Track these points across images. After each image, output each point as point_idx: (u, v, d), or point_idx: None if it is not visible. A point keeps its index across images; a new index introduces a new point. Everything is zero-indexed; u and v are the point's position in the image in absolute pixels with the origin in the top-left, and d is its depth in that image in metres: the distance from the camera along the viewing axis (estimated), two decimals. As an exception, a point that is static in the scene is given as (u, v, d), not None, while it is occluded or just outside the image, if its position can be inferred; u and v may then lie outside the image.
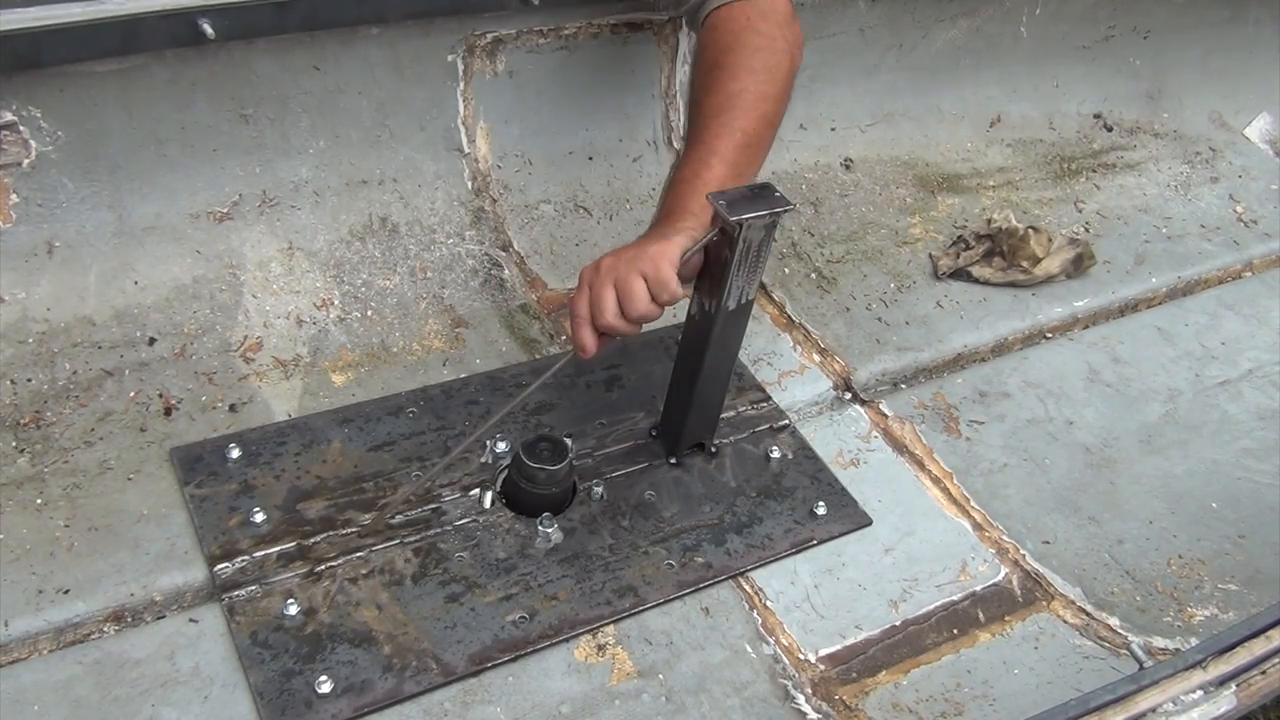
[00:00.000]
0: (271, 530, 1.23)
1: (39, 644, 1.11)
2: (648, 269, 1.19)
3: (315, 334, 1.47)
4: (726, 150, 1.29)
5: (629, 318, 1.20)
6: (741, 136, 1.30)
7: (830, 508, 1.39)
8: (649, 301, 1.19)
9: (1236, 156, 2.27)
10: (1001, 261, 1.80)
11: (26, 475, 1.24)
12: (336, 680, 1.11)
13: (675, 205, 1.28)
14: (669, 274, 1.19)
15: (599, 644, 1.21)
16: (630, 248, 1.24)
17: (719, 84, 1.32)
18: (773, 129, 1.35)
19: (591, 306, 1.21)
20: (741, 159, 1.30)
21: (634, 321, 1.21)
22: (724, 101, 1.31)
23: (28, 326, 1.36)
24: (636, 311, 1.19)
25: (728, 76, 1.32)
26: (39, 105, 1.32)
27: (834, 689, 1.21)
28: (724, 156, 1.28)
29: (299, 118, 1.51)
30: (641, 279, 1.19)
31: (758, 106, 1.32)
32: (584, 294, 1.22)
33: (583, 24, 1.67)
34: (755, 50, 1.33)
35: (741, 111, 1.30)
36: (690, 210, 1.25)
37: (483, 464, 1.35)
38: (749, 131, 1.31)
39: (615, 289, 1.20)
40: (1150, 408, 1.66)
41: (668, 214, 1.28)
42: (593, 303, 1.21)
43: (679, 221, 1.25)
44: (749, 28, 1.34)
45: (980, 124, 2.14)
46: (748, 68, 1.32)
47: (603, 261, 1.22)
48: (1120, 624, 1.34)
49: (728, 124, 1.30)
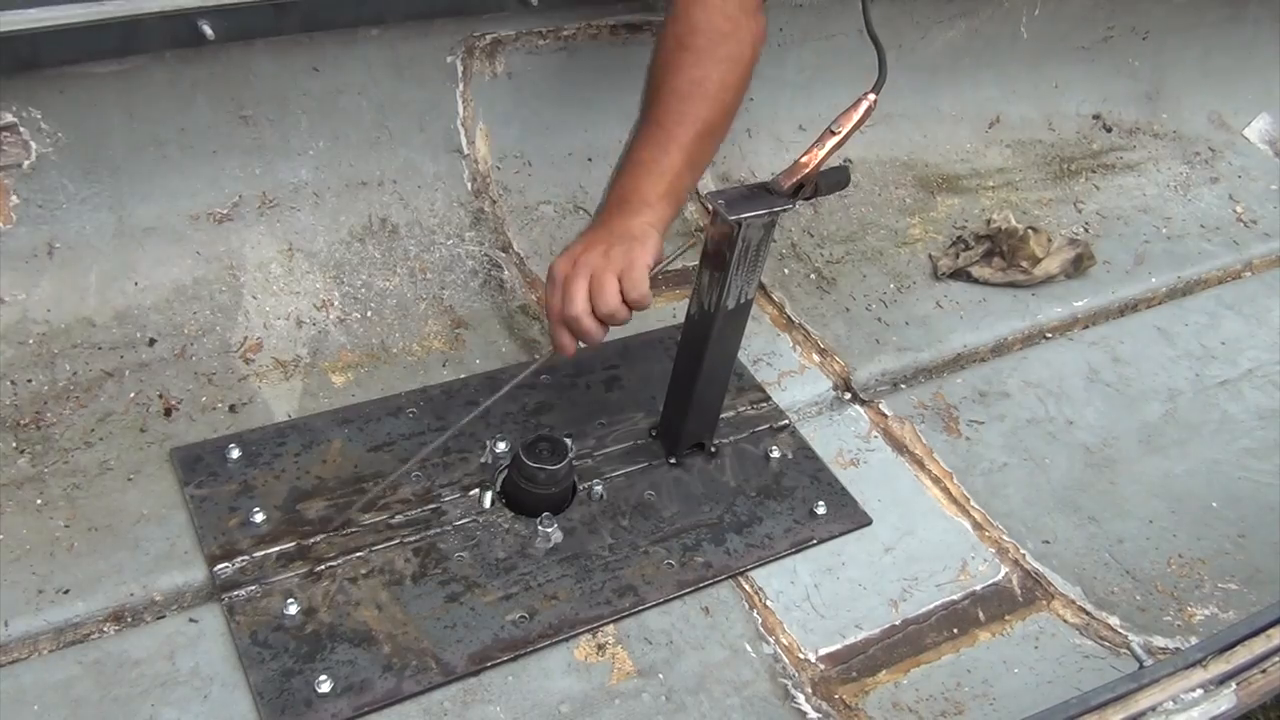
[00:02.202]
0: (271, 530, 1.23)
1: (39, 644, 1.11)
2: (624, 269, 1.19)
3: (315, 335, 1.47)
4: (685, 138, 1.28)
5: (598, 313, 1.20)
6: (702, 126, 1.30)
7: (830, 507, 1.39)
8: (620, 301, 1.19)
9: (1236, 157, 2.27)
10: (1001, 262, 1.80)
11: (27, 476, 1.24)
12: (336, 680, 1.11)
13: (632, 192, 1.28)
14: (642, 276, 1.19)
15: (599, 643, 1.21)
16: (597, 239, 1.23)
17: (683, 66, 1.31)
18: (730, 119, 1.35)
19: (562, 299, 1.21)
20: (698, 148, 1.30)
21: (602, 319, 1.21)
22: (687, 88, 1.30)
23: (28, 327, 1.36)
24: (607, 307, 1.19)
25: (692, 60, 1.31)
26: (39, 106, 1.32)
27: (834, 688, 1.21)
28: (682, 144, 1.28)
29: (299, 119, 1.51)
30: (615, 278, 1.19)
31: (719, 96, 1.32)
32: (557, 290, 1.22)
33: (582, 25, 1.67)
34: (723, 37, 1.32)
35: (703, 100, 1.30)
36: (647, 200, 1.26)
37: (483, 464, 1.35)
38: (709, 121, 1.31)
39: (589, 284, 1.19)
40: (1150, 407, 1.66)
41: (623, 200, 1.28)
42: (564, 296, 1.21)
43: (638, 214, 1.25)
44: (719, 11, 1.33)
45: (979, 125, 2.14)
46: (712, 54, 1.32)
47: (578, 257, 1.22)
48: (1120, 623, 1.33)
49: (689, 111, 1.29)
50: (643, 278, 1.19)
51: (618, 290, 1.19)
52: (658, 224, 1.25)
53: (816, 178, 1.20)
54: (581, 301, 1.19)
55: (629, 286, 1.19)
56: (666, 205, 1.27)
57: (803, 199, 1.22)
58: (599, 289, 1.19)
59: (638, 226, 1.24)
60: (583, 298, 1.19)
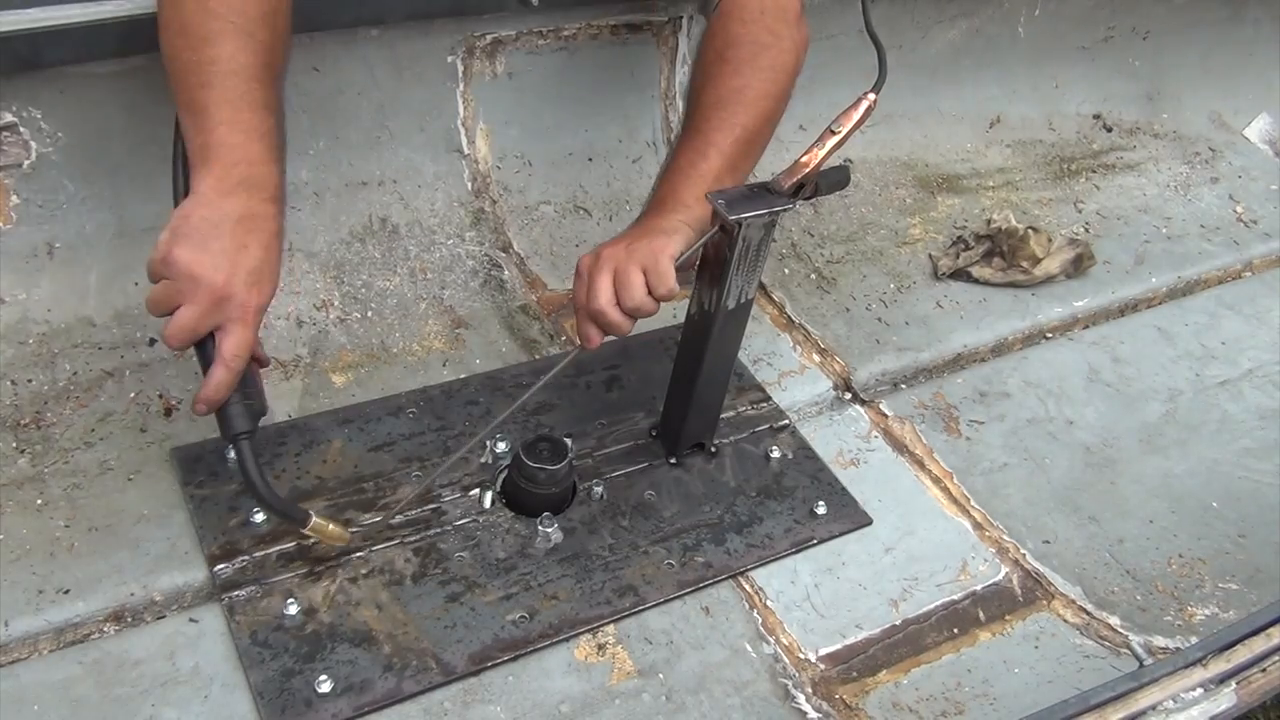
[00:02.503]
0: (271, 530, 1.23)
1: (39, 644, 1.11)
2: (648, 261, 1.19)
3: (315, 335, 1.47)
4: (725, 144, 1.29)
5: (624, 307, 1.20)
6: (741, 132, 1.30)
7: (830, 507, 1.39)
8: (645, 294, 1.19)
9: (1236, 157, 2.27)
10: (1001, 262, 1.80)
11: (27, 476, 1.24)
12: (336, 680, 1.11)
13: (669, 194, 1.28)
14: (668, 268, 1.19)
15: (599, 643, 1.21)
16: (627, 236, 1.24)
17: (723, 77, 1.32)
18: (772, 127, 1.35)
19: (587, 293, 1.21)
20: (739, 154, 1.30)
21: (628, 313, 1.20)
22: (726, 95, 1.31)
23: (28, 327, 1.36)
24: (632, 301, 1.19)
25: (732, 70, 1.32)
26: (39, 106, 1.32)
27: (834, 688, 1.21)
28: (722, 149, 1.28)
29: (299, 118, 1.51)
30: (640, 271, 1.19)
31: (759, 104, 1.32)
32: (583, 283, 1.22)
33: (582, 25, 1.67)
34: (763, 47, 1.33)
35: (743, 107, 1.30)
36: (684, 201, 1.26)
37: (483, 464, 1.35)
38: (749, 128, 1.31)
39: (614, 278, 1.19)
40: (1150, 407, 1.66)
41: (660, 202, 1.28)
42: (589, 290, 1.20)
43: (673, 213, 1.25)
44: (759, 22, 1.34)
45: (980, 125, 2.14)
46: (753, 64, 1.32)
47: (602, 250, 1.22)
48: (1121, 623, 1.33)
49: (728, 118, 1.30)
50: (668, 270, 1.19)
51: (643, 283, 1.19)
52: (692, 222, 1.25)
53: (816, 177, 1.20)
54: (606, 294, 1.19)
55: (655, 280, 1.19)
56: (703, 207, 1.25)
57: (803, 199, 1.21)
58: (624, 282, 1.19)
59: (670, 223, 1.24)
60: (607, 291, 1.19)
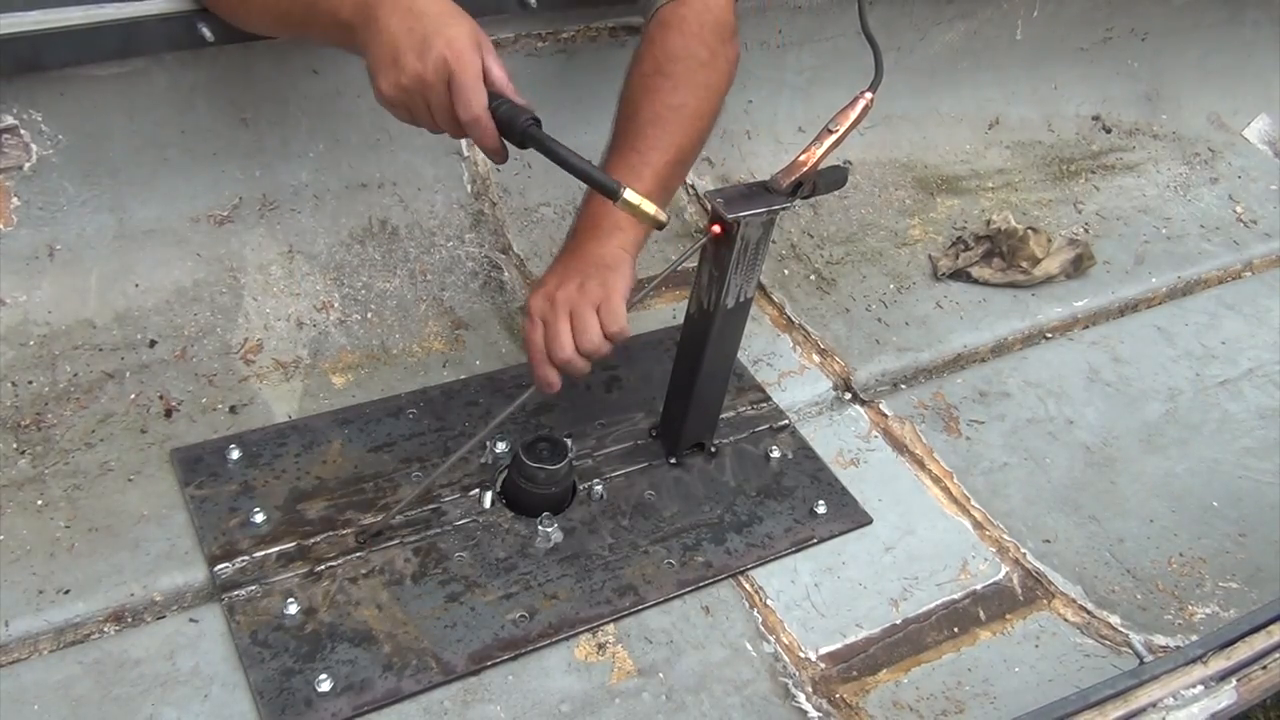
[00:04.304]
0: (271, 531, 1.23)
1: (39, 644, 1.11)
2: (601, 302, 1.20)
3: (315, 336, 1.47)
4: (660, 164, 1.30)
5: (581, 350, 1.20)
6: (676, 153, 1.31)
7: (830, 507, 1.39)
8: (601, 336, 1.20)
9: (1235, 157, 2.27)
10: (1001, 262, 1.80)
11: (27, 476, 1.24)
12: (336, 679, 1.11)
13: (603, 216, 1.29)
14: (620, 307, 1.20)
15: (599, 643, 1.21)
16: (573, 271, 1.24)
17: (662, 92, 1.33)
18: (701, 146, 1.37)
19: (547, 341, 1.21)
20: (671, 175, 1.32)
21: (585, 355, 1.21)
22: (664, 113, 1.32)
23: (29, 329, 1.36)
24: (590, 345, 1.19)
25: (671, 87, 1.33)
26: (40, 109, 1.32)
27: (834, 687, 1.21)
28: (657, 170, 1.29)
29: (298, 121, 1.52)
30: (595, 312, 1.19)
31: (695, 123, 1.34)
32: (537, 328, 1.22)
33: (581, 27, 1.67)
34: (701, 64, 1.34)
35: (679, 127, 1.32)
36: (619, 224, 1.27)
37: (483, 464, 1.35)
38: (683, 148, 1.33)
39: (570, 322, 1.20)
40: (1150, 407, 1.66)
41: (594, 225, 1.29)
42: (552, 340, 1.21)
43: (609, 239, 1.26)
44: (699, 36, 1.34)
45: (979, 126, 2.14)
46: (690, 81, 1.33)
47: (556, 294, 1.22)
48: (1121, 622, 1.33)
49: (664, 138, 1.31)
50: (620, 310, 1.20)
51: (599, 326, 1.20)
52: (630, 247, 1.27)
53: (814, 176, 1.20)
54: (568, 343, 1.20)
55: (608, 320, 1.20)
56: (638, 229, 1.27)
57: (801, 198, 1.22)
58: (581, 327, 1.19)
59: (610, 253, 1.25)
60: (568, 339, 1.20)
